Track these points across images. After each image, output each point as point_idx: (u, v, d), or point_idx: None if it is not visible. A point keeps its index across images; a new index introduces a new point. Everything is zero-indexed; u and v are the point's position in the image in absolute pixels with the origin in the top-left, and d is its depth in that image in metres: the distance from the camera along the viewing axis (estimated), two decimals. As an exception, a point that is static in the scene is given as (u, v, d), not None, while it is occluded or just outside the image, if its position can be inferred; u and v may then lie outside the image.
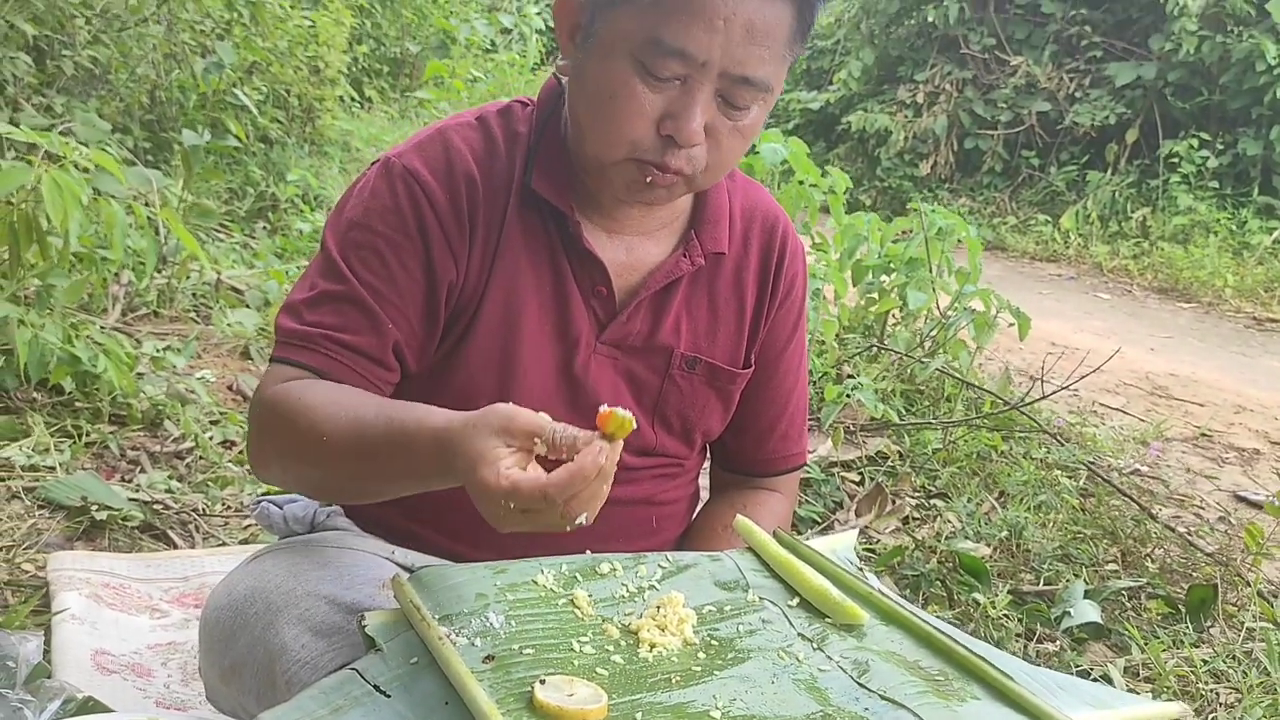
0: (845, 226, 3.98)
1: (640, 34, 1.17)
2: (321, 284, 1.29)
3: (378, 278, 1.27)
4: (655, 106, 1.20)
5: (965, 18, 10.43)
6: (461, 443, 1.04)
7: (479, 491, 1.01)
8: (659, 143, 1.21)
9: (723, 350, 1.44)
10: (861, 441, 3.16)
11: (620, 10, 1.19)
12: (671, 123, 1.20)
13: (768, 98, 1.24)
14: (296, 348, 1.26)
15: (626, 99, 1.19)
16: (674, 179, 1.25)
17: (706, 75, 1.18)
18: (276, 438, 1.24)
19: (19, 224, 2.65)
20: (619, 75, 1.19)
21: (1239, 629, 2.32)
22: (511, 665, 1.07)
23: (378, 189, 1.31)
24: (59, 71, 4.63)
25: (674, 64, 1.17)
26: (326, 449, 1.17)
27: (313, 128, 6.44)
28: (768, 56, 1.19)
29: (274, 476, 1.31)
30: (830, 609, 1.26)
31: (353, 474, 1.20)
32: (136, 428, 2.71)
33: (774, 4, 1.17)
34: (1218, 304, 7.08)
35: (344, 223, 1.31)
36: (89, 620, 1.76)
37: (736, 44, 1.16)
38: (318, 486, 1.29)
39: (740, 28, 1.16)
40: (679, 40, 1.16)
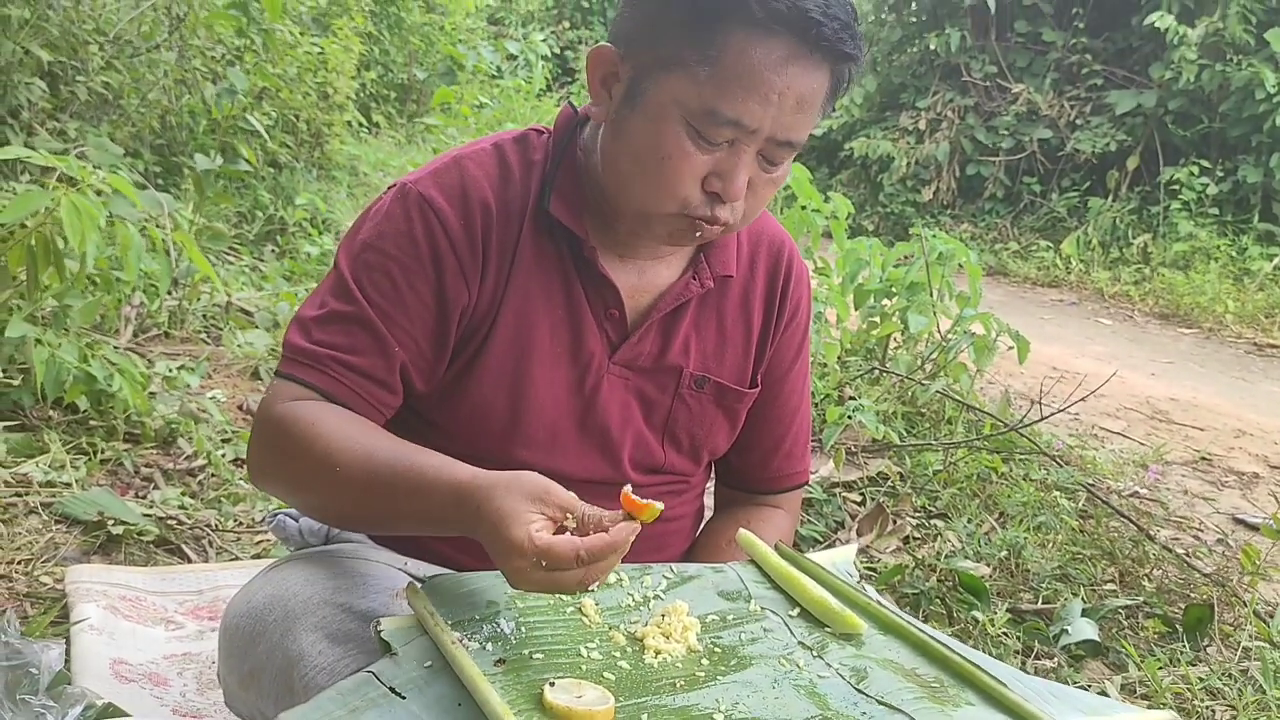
0: (847, 251, 4.04)
1: (696, 103, 1.23)
2: (332, 303, 1.32)
3: (387, 300, 1.31)
4: (704, 166, 1.26)
5: (967, 46, 10.54)
6: (489, 500, 1.09)
7: (506, 548, 1.06)
8: (706, 199, 1.28)
9: (730, 370, 1.49)
10: (863, 462, 3.20)
11: (674, 77, 1.24)
12: (719, 181, 1.27)
13: (798, 150, 1.32)
14: (303, 366, 1.30)
15: (680, 160, 1.26)
16: (718, 229, 1.32)
17: (755, 140, 1.25)
18: (285, 460, 1.27)
19: (37, 246, 2.70)
20: (671, 139, 1.25)
21: (1235, 648, 2.35)
22: (522, 669, 1.11)
23: (393, 213, 1.34)
24: (72, 97, 4.70)
25: (727, 131, 1.24)
26: (338, 480, 1.21)
27: (321, 152, 6.51)
28: (808, 122, 1.27)
29: (274, 491, 1.35)
30: (830, 619, 1.30)
31: (360, 508, 1.25)
32: (150, 445, 2.76)
33: (818, 75, 1.25)
34: (1218, 330, 7.12)
35: (358, 244, 1.35)
36: (107, 631, 1.80)
37: (787, 114, 1.24)
38: (319, 511, 1.33)
39: (793, 100, 1.23)
40: (735, 113, 1.22)
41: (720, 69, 1.21)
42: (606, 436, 1.42)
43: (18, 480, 2.44)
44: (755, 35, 1.20)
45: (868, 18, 11.68)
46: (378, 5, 9.10)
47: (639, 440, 1.45)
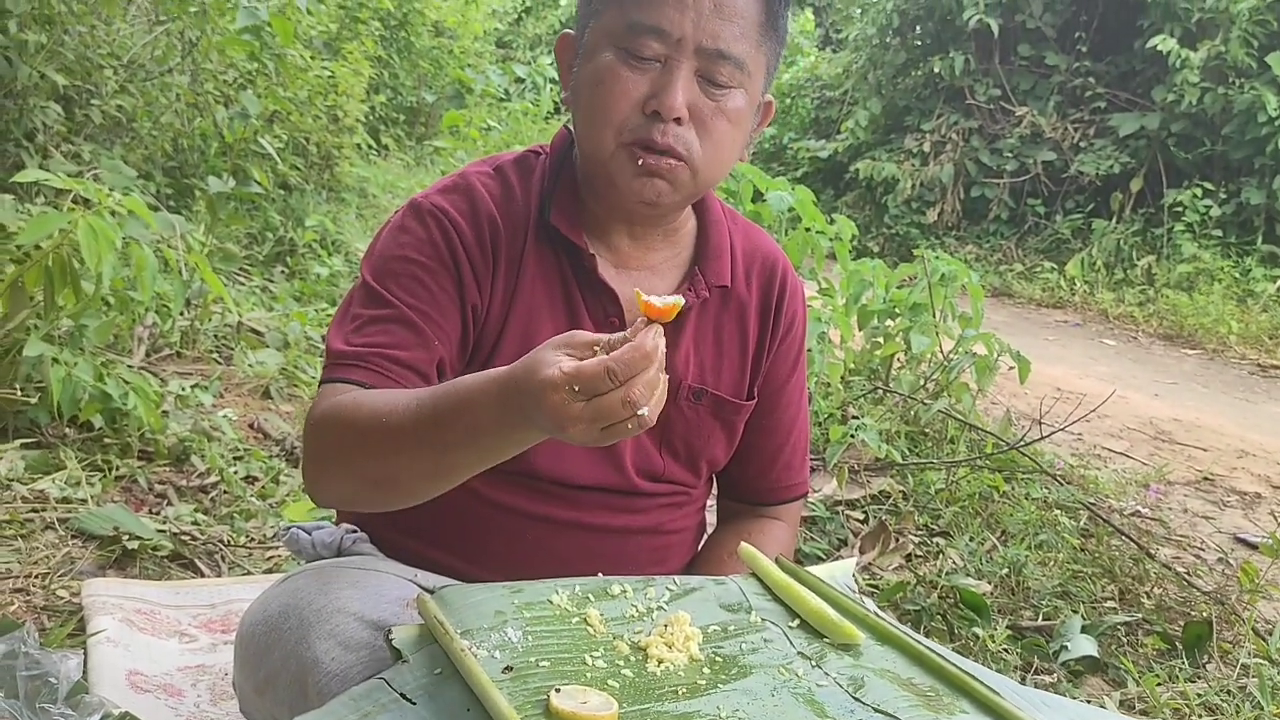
0: (851, 272, 4.08)
1: (619, 24, 1.30)
2: (365, 313, 1.36)
3: (419, 299, 1.35)
4: (639, 88, 1.31)
5: (971, 69, 10.62)
6: (523, 368, 1.06)
7: (543, 390, 1.01)
8: (645, 120, 1.31)
9: (727, 382, 1.53)
10: (866, 481, 3.23)
11: (603, 13, 1.33)
12: (654, 99, 1.30)
13: (748, 83, 1.35)
14: (347, 366, 1.32)
15: (611, 83, 1.31)
16: (670, 163, 1.33)
17: (683, 52, 1.30)
18: (336, 442, 1.27)
19: (54, 267, 2.76)
20: (604, 65, 1.32)
21: (1234, 665, 2.37)
22: (529, 675, 1.15)
23: (409, 225, 1.40)
24: (87, 120, 4.77)
25: (652, 43, 1.29)
26: (388, 431, 1.20)
27: (331, 175, 6.58)
28: (739, 34, 1.31)
29: (334, 483, 1.31)
30: (828, 629, 1.33)
31: (418, 450, 1.20)
32: (164, 463, 2.80)
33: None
34: (1222, 351, 7.14)
35: (379, 258, 1.40)
36: (123, 643, 1.84)
37: (707, 17, 1.29)
38: (378, 479, 1.26)
39: (709, 2, 1.29)
40: (653, 18, 1.28)
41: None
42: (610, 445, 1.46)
43: (35, 496, 2.48)
44: None
45: (872, 41, 11.77)
46: (388, 30, 9.21)
47: (638, 447, 1.48)
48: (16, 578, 2.14)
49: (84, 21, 4.61)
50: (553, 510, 1.46)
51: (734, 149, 1.39)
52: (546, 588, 1.29)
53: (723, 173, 1.43)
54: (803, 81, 13.30)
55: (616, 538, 1.51)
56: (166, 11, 5.15)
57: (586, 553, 1.48)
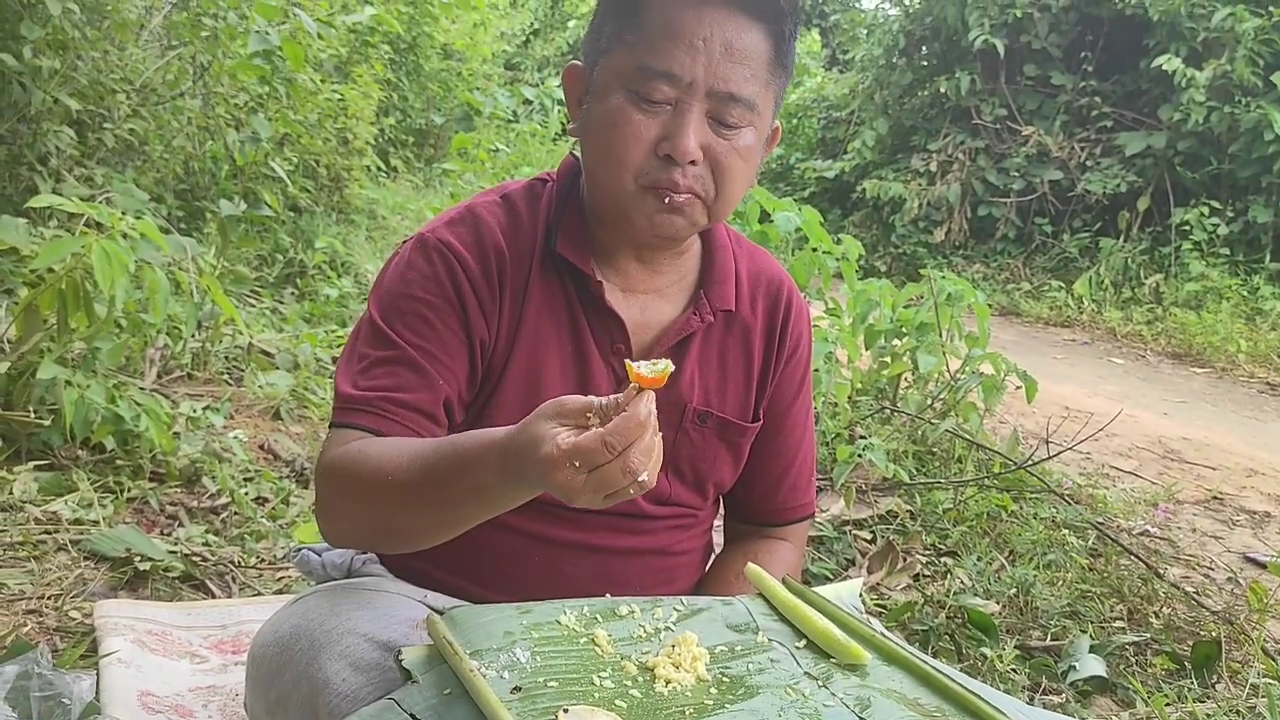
0: (858, 292, 4.09)
1: (630, 66, 1.31)
2: (372, 353, 1.38)
3: (424, 339, 1.37)
4: (651, 131, 1.32)
5: (977, 89, 10.65)
6: (520, 439, 1.10)
7: (545, 469, 1.05)
8: (660, 164, 1.33)
9: (733, 405, 1.54)
10: (873, 501, 3.23)
11: (613, 53, 1.34)
12: (667, 143, 1.32)
13: (757, 121, 1.36)
14: (354, 411, 1.34)
15: (624, 126, 1.32)
16: (689, 199, 1.35)
17: (694, 95, 1.31)
18: (344, 492, 1.30)
19: (67, 290, 2.79)
20: (616, 107, 1.33)
21: (1243, 685, 2.37)
22: (537, 695, 1.16)
23: (414, 261, 1.42)
24: (100, 144, 4.82)
25: (663, 87, 1.30)
26: (392, 486, 1.23)
27: (340, 196, 6.63)
28: (750, 76, 1.32)
29: (345, 531, 1.36)
30: (835, 650, 1.33)
31: (420, 506, 1.24)
32: (175, 484, 2.82)
33: (749, 29, 1.32)
34: (1231, 369, 7.13)
35: (385, 294, 1.41)
36: (134, 664, 1.85)
37: (717, 61, 1.30)
38: (386, 529, 1.31)
39: (719, 46, 1.30)
40: (664, 64, 1.29)
41: (646, 29, 1.30)
42: None
43: (48, 518, 2.50)
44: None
45: (878, 62, 11.82)
46: (397, 53, 9.28)
47: None
48: (29, 599, 2.15)
49: (97, 47, 4.67)
50: (560, 532, 1.47)
51: (746, 183, 1.41)
52: (555, 608, 1.31)
53: (735, 205, 1.45)
54: (809, 102, 13.35)
55: (624, 559, 1.52)
56: (179, 36, 5.22)
57: (594, 574, 1.49)
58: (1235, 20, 8.76)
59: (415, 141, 10.14)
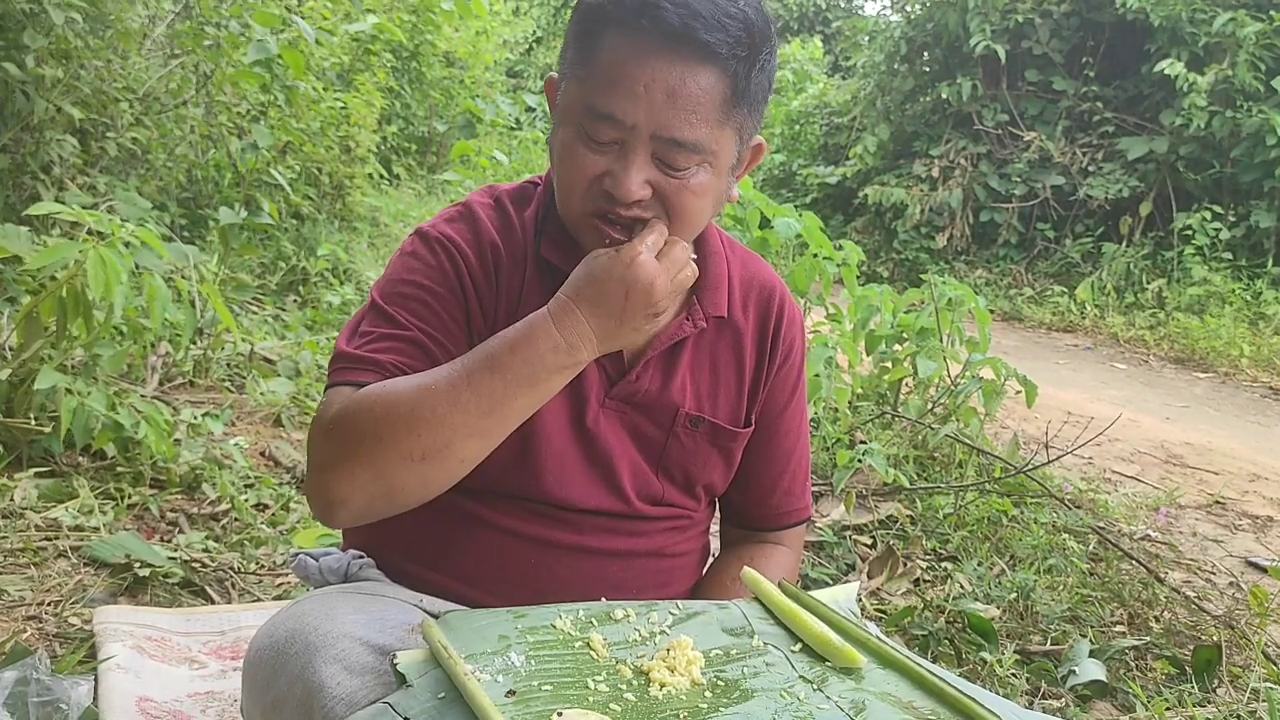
0: (859, 298, 4.10)
1: (580, 103, 1.32)
2: (374, 330, 1.38)
3: (427, 324, 1.38)
4: (598, 166, 1.32)
5: (978, 95, 10.67)
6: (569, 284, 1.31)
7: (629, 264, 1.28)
8: (604, 196, 1.33)
9: (724, 410, 1.54)
10: (874, 506, 3.23)
11: (570, 83, 1.34)
12: (610, 180, 1.32)
13: (710, 159, 1.34)
14: (358, 370, 1.33)
15: (573, 159, 1.33)
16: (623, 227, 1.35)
17: (638, 138, 1.30)
18: (369, 426, 1.25)
19: (67, 297, 2.80)
20: (569, 140, 1.34)
21: (1244, 689, 2.36)
22: (531, 699, 1.16)
23: (418, 252, 1.44)
24: (102, 152, 4.84)
25: (607, 129, 1.30)
26: (439, 391, 1.24)
27: (343, 204, 6.65)
28: (696, 121, 1.30)
29: (361, 484, 1.28)
30: (830, 653, 1.33)
31: (471, 403, 1.24)
32: (175, 491, 2.83)
33: (696, 73, 1.28)
34: (1234, 374, 7.12)
35: (388, 282, 1.43)
36: (133, 669, 1.86)
37: (659, 109, 1.28)
38: (422, 452, 1.25)
39: (661, 94, 1.27)
40: (607, 108, 1.29)
41: (594, 69, 1.30)
42: (609, 467, 1.47)
43: (48, 525, 2.51)
44: (622, 34, 1.28)
45: (880, 68, 11.84)
46: (399, 61, 9.31)
47: (636, 471, 1.50)
48: (29, 605, 2.16)
49: (100, 56, 4.69)
50: (556, 535, 1.47)
51: (703, 215, 1.40)
52: (550, 612, 1.31)
53: (694, 234, 1.43)
54: (811, 108, 13.38)
55: (620, 561, 1.52)
56: (181, 45, 5.24)
57: (590, 577, 1.49)
58: (1236, 25, 8.77)
59: (418, 149, 10.17)
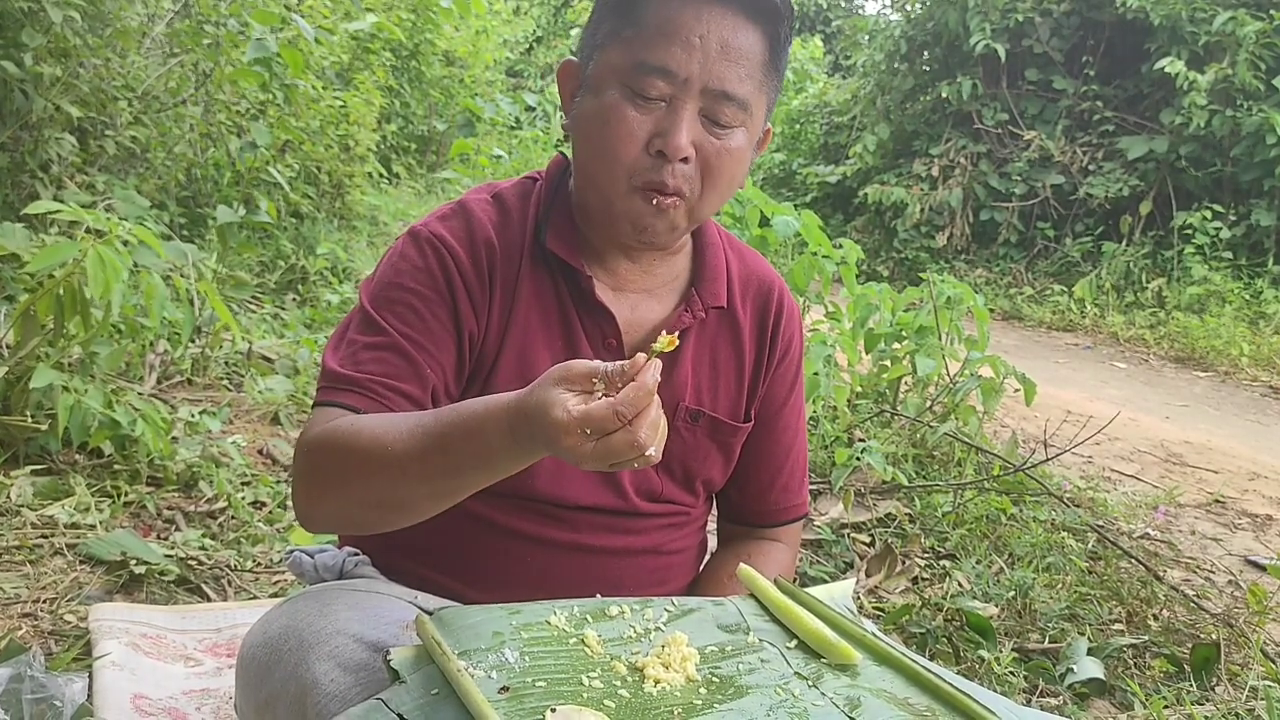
0: (858, 296, 4.10)
1: (626, 62, 1.32)
2: (360, 339, 1.38)
3: (413, 329, 1.37)
4: (645, 127, 1.32)
5: (978, 94, 10.66)
6: (528, 404, 1.11)
7: (555, 433, 1.06)
8: (653, 162, 1.33)
9: (724, 405, 1.54)
10: (872, 504, 3.23)
11: (609, 48, 1.34)
12: (660, 139, 1.32)
13: (749, 122, 1.36)
14: (345, 391, 1.33)
15: (618, 122, 1.32)
16: (675, 201, 1.35)
17: (689, 93, 1.31)
18: (333, 465, 1.27)
19: (64, 295, 2.79)
20: (610, 103, 1.33)
21: (1242, 688, 2.36)
22: (525, 696, 1.15)
23: (407, 253, 1.43)
24: (101, 151, 4.83)
25: (659, 83, 1.31)
26: (392, 455, 1.22)
27: (342, 203, 6.65)
28: (744, 75, 1.33)
29: (330, 511, 1.32)
30: (825, 650, 1.33)
31: (422, 474, 1.22)
32: (172, 489, 2.83)
33: (746, 29, 1.32)
34: (1234, 373, 7.11)
35: (377, 284, 1.42)
36: (128, 667, 1.85)
37: (714, 60, 1.30)
38: (379, 502, 1.27)
39: (715, 44, 1.30)
40: (660, 59, 1.30)
41: (643, 26, 1.31)
42: None
43: (44, 522, 2.50)
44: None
45: (880, 67, 11.83)
46: (399, 60, 9.31)
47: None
48: (24, 602, 2.16)
49: (99, 54, 4.68)
50: (552, 532, 1.47)
51: (734, 184, 1.41)
52: (544, 609, 1.30)
53: (718, 207, 1.45)
54: (811, 107, 13.37)
55: (617, 559, 1.52)
56: (180, 44, 5.24)
57: (587, 574, 1.49)
58: (1237, 24, 8.76)
59: (417, 148, 10.17)
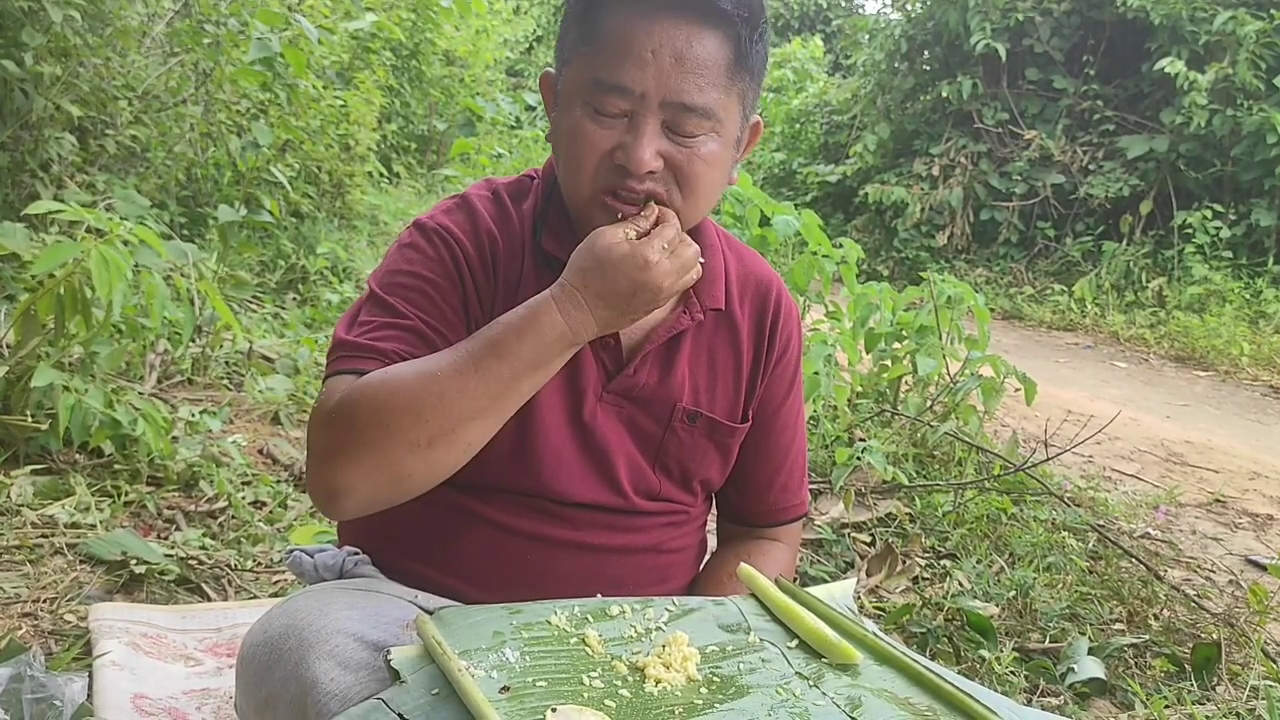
0: (858, 296, 4.09)
1: (586, 79, 1.32)
2: (374, 319, 1.37)
3: (425, 313, 1.37)
4: (607, 141, 1.32)
5: (979, 94, 10.66)
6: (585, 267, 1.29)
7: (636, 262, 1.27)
8: (616, 170, 1.33)
9: (722, 406, 1.54)
10: (872, 503, 3.23)
11: (572, 65, 1.35)
12: (622, 152, 1.32)
13: (718, 127, 1.34)
14: (359, 359, 1.32)
15: (581, 138, 1.33)
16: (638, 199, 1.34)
17: (648, 107, 1.30)
18: (371, 415, 1.24)
19: (65, 295, 2.79)
20: (575, 120, 1.34)
21: (1243, 687, 2.35)
22: (525, 695, 1.15)
23: (416, 243, 1.44)
24: (102, 150, 4.83)
25: (616, 100, 1.31)
26: (444, 378, 1.24)
27: (342, 202, 6.65)
28: (705, 84, 1.31)
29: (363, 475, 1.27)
30: (826, 649, 1.33)
31: (478, 389, 1.25)
32: (173, 488, 2.82)
33: (701, 37, 1.30)
34: (1234, 372, 7.11)
35: (386, 273, 1.42)
36: (128, 666, 1.85)
37: (668, 73, 1.29)
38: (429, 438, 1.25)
39: (669, 57, 1.28)
40: (615, 77, 1.29)
41: (599, 43, 1.31)
42: (606, 461, 1.47)
43: (44, 522, 2.50)
44: (622, 3, 1.30)
45: (880, 67, 11.83)
46: (399, 59, 9.30)
47: (633, 466, 1.49)
48: (24, 602, 2.15)
49: (99, 54, 4.68)
50: (552, 530, 1.47)
51: (715, 188, 1.40)
52: (545, 608, 1.30)
53: (706, 211, 1.45)
54: (811, 107, 13.37)
55: (617, 557, 1.52)
56: (181, 44, 5.23)
57: (587, 573, 1.49)
58: (1237, 23, 8.76)
59: (418, 147, 10.16)
